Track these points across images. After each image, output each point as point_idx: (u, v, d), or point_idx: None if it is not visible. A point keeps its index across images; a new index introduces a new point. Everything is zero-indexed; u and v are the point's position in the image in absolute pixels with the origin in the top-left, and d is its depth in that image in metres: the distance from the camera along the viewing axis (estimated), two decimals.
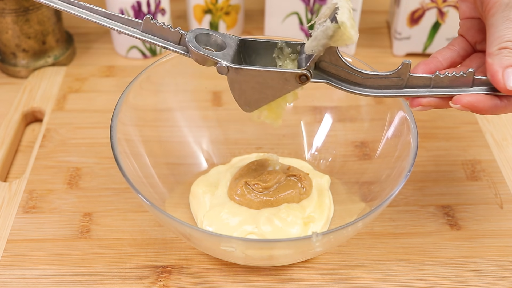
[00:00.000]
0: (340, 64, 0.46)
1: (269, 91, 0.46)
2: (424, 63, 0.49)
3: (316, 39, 0.44)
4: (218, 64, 0.45)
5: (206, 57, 0.45)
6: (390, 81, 0.46)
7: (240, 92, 0.47)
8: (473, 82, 0.45)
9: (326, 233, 0.44)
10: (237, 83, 0.46)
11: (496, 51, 0.44)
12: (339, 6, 0.43)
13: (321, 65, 0.46)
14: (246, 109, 0.48)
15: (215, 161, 0.60)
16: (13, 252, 0.53)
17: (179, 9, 0.85)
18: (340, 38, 0.43)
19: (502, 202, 0.58)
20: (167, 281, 0.50)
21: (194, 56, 0.46)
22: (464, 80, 0.45)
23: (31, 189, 0.58)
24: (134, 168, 0.51)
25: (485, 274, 0.52)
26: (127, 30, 0.46)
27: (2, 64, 0.74)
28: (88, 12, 0.46)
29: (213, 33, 0.47)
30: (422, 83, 0.46)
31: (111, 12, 0.46)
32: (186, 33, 0.46)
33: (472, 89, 0.46)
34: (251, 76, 0.46)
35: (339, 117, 0.61)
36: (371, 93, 0.47)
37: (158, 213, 0.45)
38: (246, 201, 0.53)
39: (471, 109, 0.45)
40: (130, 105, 0.53)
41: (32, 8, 0.69)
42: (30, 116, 0.68)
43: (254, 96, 0.47)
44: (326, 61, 0.46)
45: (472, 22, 0.50)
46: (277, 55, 0.48)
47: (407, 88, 0.46)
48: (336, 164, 0.59)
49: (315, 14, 0.74)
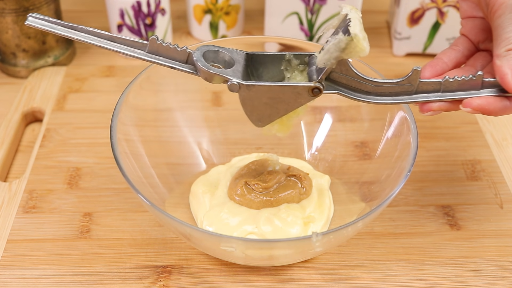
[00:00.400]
0: (351, 74, 0.46)
1: (282, 106, 0.46)
2: (430, 65, 0.49)
3: (329, 52, 0.43)
4: (229, 82, 0.44)
5: (216, 75, 0.45)
6: (401, 88, 0.46)
7: (252, 108, 0.46)
8: (482, 84, 0.45)
9: (326, 233, 0.44)
10: (249, 99, 0.46)
11: (504, 52, 0.44)
12: (351, 18, 0.43)
13: (332, 76, 0.46)
14: (258, 125, 0.48)
15: (215, 161, 0.60)
16: (13, 252, 0.53)
17: (179, 9, 0.85)
18: (353, 50, 0.42)
19: (502, 202, 0.58)
20: (167, 281, 0.50)
21: (203, 75, 0.45)
22: (473, 83, 0.45)
23: (31, 189, 0.58)
24: (134, 168, 0.51)
25: (485, 274, 0.52)
26: (132, 52, 0.45)
27: (2, 64, 0.74)
28: (92, 36, 0.45)
29: (220, 49, 0.47)
30: (432, 88, 0.46)
31: (115, 35, 0.45)
32: (193, 52, 0.45)
33: (481, 91, 0.46)
34: (263, 92, 0.45)
35: (339, 117, 0.61)
36: (382, 101, 0.47)
37: (158, 213, 0.45)
38: (246, 201, 0.53)
39: (481, 112, 0.45)
40: (130, 105, 0.53)
41: (32, 8, 0.69)
42: (30, 116, 0.68)
43: (266, 112, 0.47)
44: (337, 72, 0.46)
45: (474, 21, 0.50)
46: (285, 67, 0.48)
47: (417, 94, 0.47)
48: (336, 164, 0.59)
49: (315, 14, 0.74)
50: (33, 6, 0.69)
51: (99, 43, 0.45)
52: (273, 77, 0.48)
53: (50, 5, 0.71)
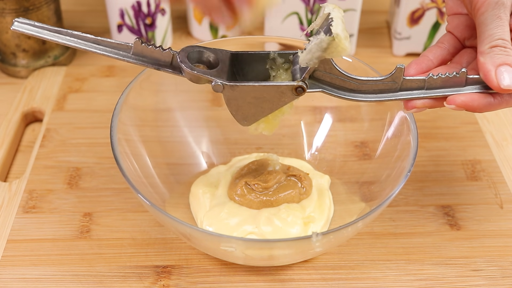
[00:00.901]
0: (335, 72, 0.46)
1: (266, 105, 0.46)
2: (415, 62, 0.49)
3: (311, 52, 0.44)
4: (213, 82, 0.45)
5: (200, 76, 0.45)
6: (385, 85, 0.46)
7: (237, 107, 0.47)
8: (466, 81, 0.46)
9: (326, 233, 0.44)
10: (234, 99, 0.46)
11: (487, 49, 0.44)
12: (333, 17, 0.43)
13: (315, 74, 0.46)
14: (243, 124, 0.48)
15: (215, 161, 0.60)
16: (13, 252, 0.53)
17: (179, 9, 0.85)
18: (335, 50, 0.43)
19: (502, 202, 0.58)
20: (167, 281, 0.50)
21: (188, 76, 0.46)
22: (457, 80, 0.45)
23: (31, 189, 0.58)
24: (134, 168, 0.51)
25: (485, 274, 0.52)
26: (117, 55, 0.46)
27: (2, 64, 0.74)
28: (76, 40, 0.46)
29: (205, 49, 0.47)
30: (416, 85, 0.46)
31: (100, 38, 0.46)
32: (177, 53, 0.46)
33: (465, 88, 0.46)
34: (247, 92, 0.45)
35: (339, 117, 0.61)
36: (366, 98, 0.47)
37: (158, 213, 0.45)
38: (246, 201, 0.53)
39: (465, 108, 0.45)
40: (130, 105, 0.53)
41: (32, 8, 0.69)
42: (30, 116, 0.68)
43: (251, 111, 0.47)
44: (320, 70, 0.46)
45: (460, 18, 0.50)
46: (270, 66, 0.48)
47: (402, 91, 0.47)
48: (336, 164, 0.59)
49: (315, 14, 0.74)
50: (33, 6, 0.69)
51: (84, 46, 0.46)
52: (258, 76, 0.48)
53: (50, 5, 0.71)
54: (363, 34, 0.81)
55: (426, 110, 0.47)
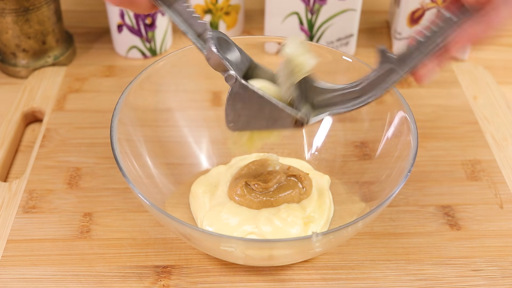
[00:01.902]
0: (328, 92, 0.46)
1: (262, 120, 0.46)
2: None
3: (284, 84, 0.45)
4: (228, 72, 0.45)
5: (221, 62, 0.44)
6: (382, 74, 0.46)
7: (235, 107, 0.46)
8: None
9: (326, 233, 0.44)
10: (237, 98, 0.46)
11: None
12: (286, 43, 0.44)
13: (316, 103, 0.46)
14: (229, 126, 0.48)
15: (215, 161, 0.60)
16: (13, 252, 0.53)
17: None
18: (298, 68, 0.44)
19: (502, 202, 0.58)
20: (167, 281, 0.50)
21: (209, 55, 0.45)
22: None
23: (31, 189, 0.58)
24: (134, 168, 0.51)
25: (485, 274, 0.52)
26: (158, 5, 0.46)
27: (2, 64, 0.74)
28: None
29: (234, 45, 0.47)
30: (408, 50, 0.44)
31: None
32: (210, 31, 0.45)
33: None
34: (252, 98, 0.45)
35: (339, 117, 0.61)
36: (373, 96, 0.46)
37: (158, 213, 0.45)
38: (246, 201, 0.53)
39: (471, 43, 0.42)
40: (130, 105, 0.53)
41: (32, 8, 0.69)
42: (30, 116, 0.68)
43: (244, 118, 0.47)
44: (317, 99, 0.46)
45: None
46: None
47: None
48: (336, 164, 0.59)
49: (315, 14, 0.74)
50: (33, 6, 0.69)
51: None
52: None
53: (50, 5, 0.71)
54: (363, 34, 0.81)
55: (426, 110, 0.47)
